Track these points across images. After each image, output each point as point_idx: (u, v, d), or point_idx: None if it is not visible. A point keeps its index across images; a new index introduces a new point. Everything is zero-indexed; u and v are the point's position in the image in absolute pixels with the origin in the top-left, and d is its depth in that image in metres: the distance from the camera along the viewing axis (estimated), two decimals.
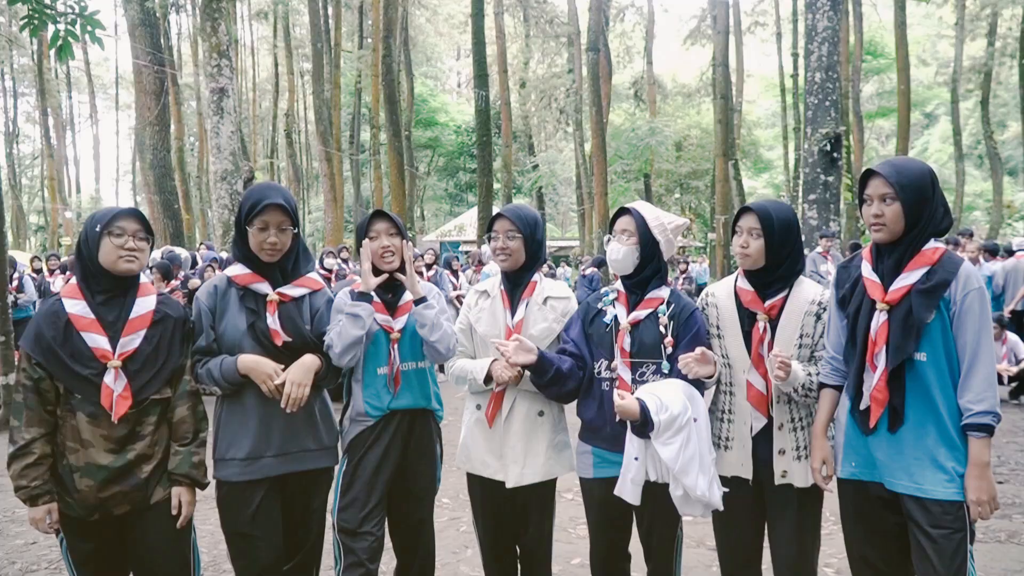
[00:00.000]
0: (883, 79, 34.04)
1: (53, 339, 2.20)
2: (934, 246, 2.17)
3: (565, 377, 2.52)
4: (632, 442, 2.37)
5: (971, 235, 10.73)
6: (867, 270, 2.27)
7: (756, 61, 36.65)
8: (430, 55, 42.76)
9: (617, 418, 2.38)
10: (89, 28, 6.06)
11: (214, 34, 10.96)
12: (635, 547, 2.69)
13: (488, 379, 2.61)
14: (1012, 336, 7.92)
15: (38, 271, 10.22)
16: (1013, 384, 7.80)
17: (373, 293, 2.56)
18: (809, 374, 2.36)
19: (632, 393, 2.38)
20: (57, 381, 2.22)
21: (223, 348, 2.43)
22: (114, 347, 2.23)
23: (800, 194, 10.55)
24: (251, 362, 2.37)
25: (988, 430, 2.06)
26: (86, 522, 2.25)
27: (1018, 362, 7.76)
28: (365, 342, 2.54)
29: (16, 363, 7.80)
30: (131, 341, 2.25)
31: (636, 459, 2.35)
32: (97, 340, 2.22)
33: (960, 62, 27.08)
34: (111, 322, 2.26)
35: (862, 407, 2.22)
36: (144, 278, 2.40)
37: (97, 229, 2.23)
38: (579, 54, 25.82)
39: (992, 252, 10.36)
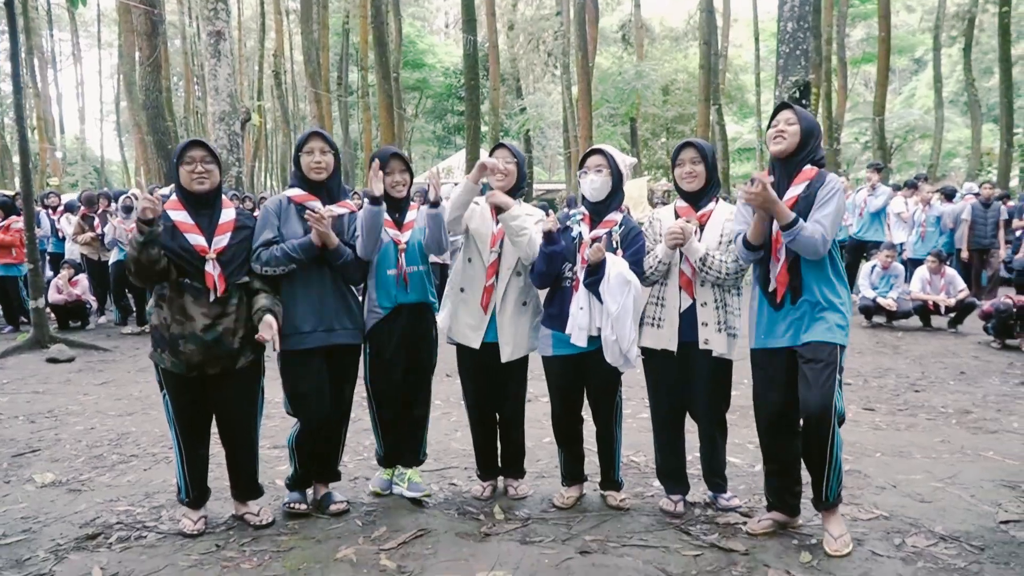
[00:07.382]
0: (871, 24, 34.03)
1: (165, 238, 2.96)
2: (811, 168, 2.96)
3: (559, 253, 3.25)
4: (580, 296, 3.15)
5: (926, 179, 11.48)
6: None
7: (746, 5, 36.45)
8: None
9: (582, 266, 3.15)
10: None
11: None
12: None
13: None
14: (950, 270, 8.70)
15: (47, 207, 10.72)
16: (951, 315, 8.61)
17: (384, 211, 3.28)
18: (707, 252, 3.11)
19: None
20: (173, 264, 2.97)
21: None
22: (209, 244, 3.01)
23: None
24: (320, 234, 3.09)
25: (791, 226, 2.77)
26: (185, 379, 3.05)
27: (957, 294, 8.57)
28: (378, 247, 3.28)
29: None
30: (221, 240, 3.05)
31: (581, 309, 3.15)
32: (197, 239, 3.01)
33: (944, 8, 27.27)
34: (205, 227, 3.04)
35: (770, 289, 3.01)
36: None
37: (175, 160, 3.01)
38: None
39: (949, 196, 11.10)
